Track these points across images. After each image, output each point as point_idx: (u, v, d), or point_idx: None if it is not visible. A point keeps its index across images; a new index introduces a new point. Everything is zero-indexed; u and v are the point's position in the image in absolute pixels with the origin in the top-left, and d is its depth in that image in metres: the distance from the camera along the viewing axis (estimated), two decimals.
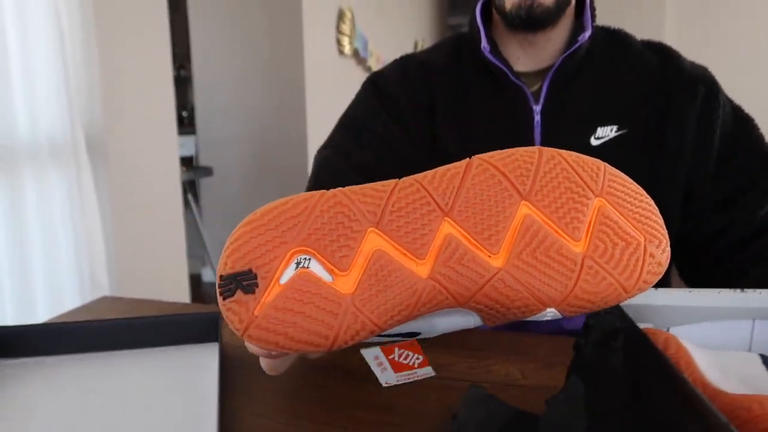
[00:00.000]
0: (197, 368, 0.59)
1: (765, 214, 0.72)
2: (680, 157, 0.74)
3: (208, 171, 2.99)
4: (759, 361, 0.40)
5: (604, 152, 0.74)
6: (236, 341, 0.67)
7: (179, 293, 2.23)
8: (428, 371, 0.58)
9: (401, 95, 0.83)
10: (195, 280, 2.99)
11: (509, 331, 0.74)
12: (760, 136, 0.76)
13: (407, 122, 0.82)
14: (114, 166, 1.79)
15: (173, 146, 2.19)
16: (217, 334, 0.64)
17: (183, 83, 4.06)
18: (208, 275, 3.61)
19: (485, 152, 0.73)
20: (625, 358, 0.38)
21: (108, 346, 0.63)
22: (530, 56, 0.82)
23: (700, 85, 0.77)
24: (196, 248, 2.83)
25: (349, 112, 0.88)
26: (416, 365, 0.55)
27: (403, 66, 0.88)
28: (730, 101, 0.79)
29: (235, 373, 0.59)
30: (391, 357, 0.58)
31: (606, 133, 0.75)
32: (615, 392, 0.38)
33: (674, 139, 0.74)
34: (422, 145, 0.82)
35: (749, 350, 0.44)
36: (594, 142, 0.75)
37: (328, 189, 0.76)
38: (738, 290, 0.45)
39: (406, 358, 0.57)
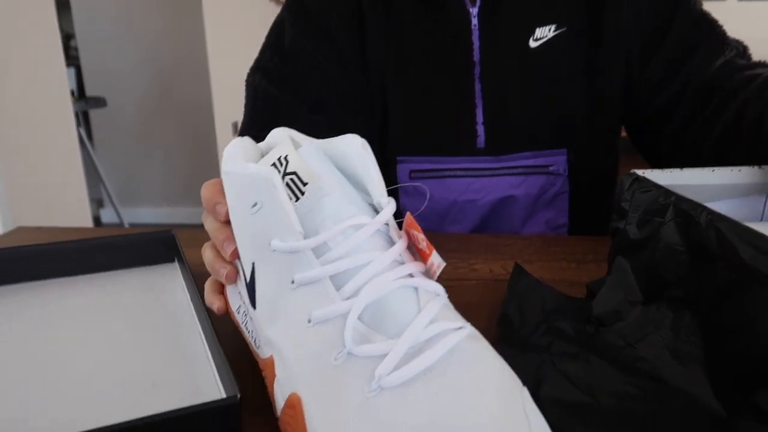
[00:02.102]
0: (162, 289, 0.53)
1: (716, 69, 0.67)
2: (618, 45, 0.72)
3: (100, 101, 2.73)
4: None
5: (543, 54, 0.72)
6: (195, 260, 0.61)
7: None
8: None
9: (328, 11, 0.75)
10: (95, 224, 2.78)
11: (474, 233, 0.73)
12: (697, 2, 0.75)
13: (336, 42, 0.75)
14: None
15: (61, 77, 1.96)
16: (175, 253, 0.58)
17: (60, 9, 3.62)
18: (108, 216, 3.37)
19: (421, 61, 0.69)
20: (679, 230, 0.37)
21: (56, 272, 0.55)
22: None
23: None
24: (93, 189, 2.61)
25: (276, 30, 0.79)
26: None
27: None
28: None
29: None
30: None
31: (545, 33, 0.73)
32: (672, 264, 0.38)
33: (610, 28, 0.72)
34: (353, 63, 0.75)
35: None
36: (533, 44, 0.73)
37: (268, 122, 0.69)
38: (755, 166, 0.46)
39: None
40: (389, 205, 0.33)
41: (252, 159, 0.37)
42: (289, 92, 0.74)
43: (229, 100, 3.36)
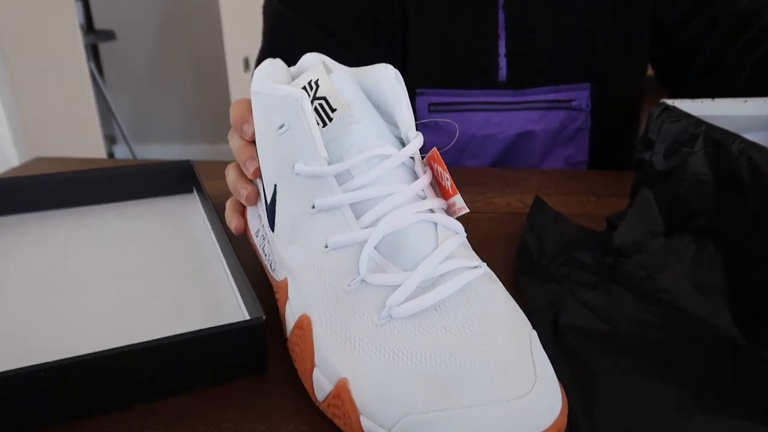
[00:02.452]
0: (182, 217, 0.53)
1: (748, 3, 0.65)
2: None
3: (109, 35, 2.68)
4: None
5: None
6: (213, 191, 0.61)
7: None
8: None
9: None
10: None
11: (491, 167, 0.72)
12: None
13: None
14: (7, 40, 1.55)
15: (70, 9, 1.92)
16: (193, 183, 0.58)
17: None
18: (121, 153, 3.38)
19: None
20: (708, 160, 0.37)
21: (76, 201, 0.55)
22: None
23: None
24: (105, 126, 2.60)
25: None
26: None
27: None
28: None
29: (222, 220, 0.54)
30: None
31: None
32: (698, 194, 0.37)
33: None
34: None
35: None
36: None
37: (287, 49, 0.67)
38: None
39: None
40: (416, 139, 0.33)
41: (282, 81, 0.36)
42: (308, 19, 0.71)
43: (239, 34, 3.29)
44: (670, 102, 0.44)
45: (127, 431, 0.30)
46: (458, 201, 0.32)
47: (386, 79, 0.34)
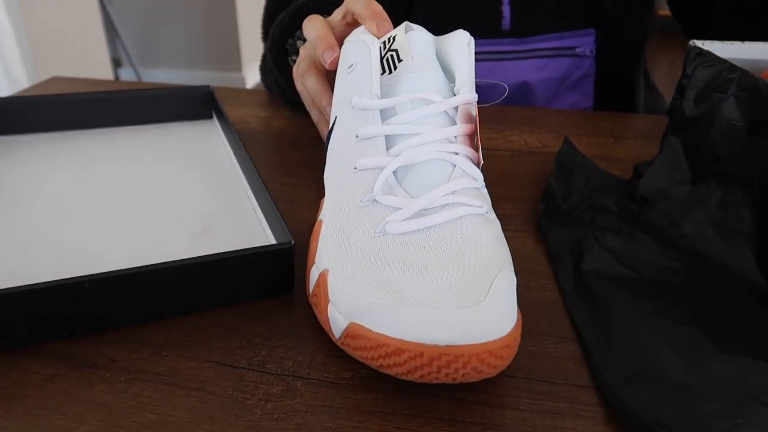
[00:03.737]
0: (203, 142, 0.54)
1: None
2: None
3: None
4: None
5: None
6: (233, 118, 0.62)
7: None
8: None
9: None
10: None
11: (508, 105, 0.72)
12: None
13: None
14: None
15: None
16: (213, 108, 0.59)
17: None
18: (126, 76, 3.33)
19: None
20: (739, 105, 0.37)
21: (96, 122, 0.55)
22: None
23: None
24: (110, 47, 2.54)
25: None
26: None
27: None
28: None
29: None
30: None
31: None
32: (727, 139, 0.37)
33: None
34: None
35: None
36: None
37: None
38: None
39: None
40: (462, 93, 0.35)
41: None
42: None
43: None
44: (701, 44, 0.44)
45: (163, 341, 0.31)
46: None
47: (458, 41, 0.38)
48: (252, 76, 3.38)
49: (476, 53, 0.70)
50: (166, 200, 0.44)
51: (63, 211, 0.42)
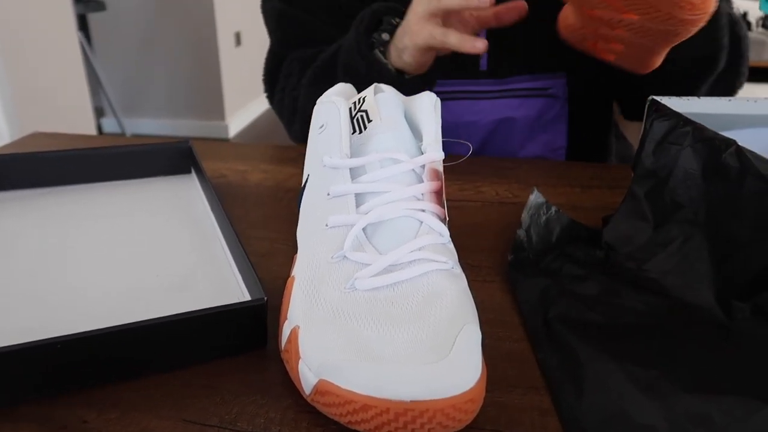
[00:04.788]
0: (181, 197, 0.55)
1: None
2: None
3: (99, 5, 2.64)
4: None
5: None
6: (209, 173, 0.63)
7: None
8: None
9: None
10: (98, 133, 2.76)
11: (479, 156, 0.75)
12: None
13: None
14: None
15: None
16: (191, 163, 0.60)
17: None
18: (109, 126, 3.35)
19: None
20: (694, 155, 0.39)
21: (75, 178, 0.56)
22: None
23: None
24: (93, 97, 2.56)
25: None
26: None
27: None
28: None
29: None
30: None
31: None
32: (686, 187, 0.40)
33: None
34: None
35: None
36: None
37: (297, 40, 0.74)
38: None
39: None
40: (429, 152, 0.37)
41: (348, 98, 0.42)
42: (307, 12, 0.75)
43: (231, 8, 3.25)
44: (659, 99, 0.47)
45: (133, 400, 0.32)
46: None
47: (425, 102, 0.40)
48: (235, 124, 3.41)
49: (455, 92, 0.74)
50: (143, 256, 0.45)
51: (40, 267, 0.43)
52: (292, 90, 0.75)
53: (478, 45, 0.53)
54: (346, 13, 0.76)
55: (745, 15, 5.42)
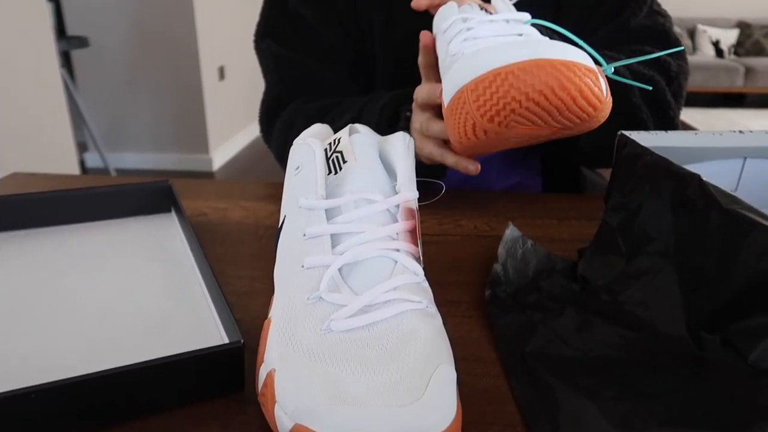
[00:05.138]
0: (160, 237, 0.55)
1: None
2: (572, 8, 0.75)
3: (82, 41, 2.66)
4: None
5: (519, 6, 0.73)
6: (192, 211, 0.63)
7: None
8: None
9: None
10: (80, 168, 2.74)
11: (457, 190, 0.76)
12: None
13: (335, 5, 0.77)
14: None
15: (42, 11, 1.90)
16: (171, 203, 0.60)
17: None
18: (92, 161, 3.34)
19: (406, 23, 0.71)
20: (663, 188, 0.40)
21: (53, 220, 0.56)
22: None
23: None
24: (76, 132, 2.56)
25: None
26: None
27: None
28: None
29: (199, 241, 0.56)
30: None
31: None
32: (656, 220, 0.40)
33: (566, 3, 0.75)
34: (349, 26, 0.77)
35: (737, 186, 0.49)
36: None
37: (292, 83, 0.80)
38: (735, 132, 0.48)
39: None
40: (403, 192, 0.38)
41: (323, 139, 0.43)
42: (302, 56, 0.78)
43: (214, 42, 3.29)
44: (628, 134, 0.48)
45: None
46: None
47: (398, 143, 0.40)
48: (219, 157, 3.42)
49: None
50: (121, 297, 0.45)
51: (13, 313, 0.42)
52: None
53: (470, 168, 0.57)
54: (346, 57, 0.78)
55: (717, 43, 5.61)
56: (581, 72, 0.42)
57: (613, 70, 0.46)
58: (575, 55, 0.43)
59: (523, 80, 0.42)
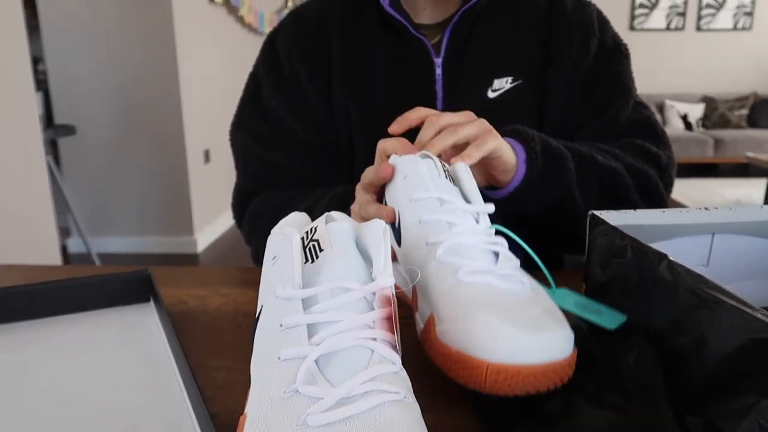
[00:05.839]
0: (138, 328, 0.54)
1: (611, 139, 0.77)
2: (557, 105, 0.78)
3: (69, 129, 2.71)
4: None
5: (500, 104, 0.76)
6: (170, 299, 0.62)
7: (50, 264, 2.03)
8: None
9: (293, 56, 0.80)
10: (62, 253, 2.72)
11: None
12: (625, 70, 0.81)
13: (308, 95, 0.80)
14: None
15: (30, 101, 1.95)
16: (149, 293, 0.60)
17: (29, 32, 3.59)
18: (75, 246, 3.31)
19: (386, 109, 0.74)
20: (636, 268, 0.41)
21: (30, 314, 0.55)
22: (436, 6, 0.80)
23: (575, 29, 0.78)
24: (59, 217, 2.56)
25: (253, 83, 0.84)
26: None
27: (298, 20, 0.83)
28: (611, 35, 0.81)
29: (179, 331, 0.55)
30: None
31: (502, 84, 0.77)
32: (633, 299, 0.41)
33: (554, 88, 0.77)
34: (322, 113, 0.80)
35: (708, 261, 0.50)
36: (491, 94, 0.77)
37: (263, 179, 0.81)
38: (702, 209, 0.50)
39: None
40: (380, 280, 0.38)
41: (300, 228, 0.43)
42: (272, 150, 0.80)
43: (200, 128, 3.36)
44: (598, 213, 0.49)
45: None
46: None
47: (374, 231, 0.41)
48: (203, 239, 3.42)
49: None
50: (95, 394, 0.43)
51: None
52: (262, 234, 0.76)
53: (384, 214, 0.54)
54: (318, 147, 0.81)
55: (685, 116, 5.85)
56: (563, 371, 0.40)
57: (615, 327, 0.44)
58: (558, 344, 0.40)
59: (504, 382, 0.39)
